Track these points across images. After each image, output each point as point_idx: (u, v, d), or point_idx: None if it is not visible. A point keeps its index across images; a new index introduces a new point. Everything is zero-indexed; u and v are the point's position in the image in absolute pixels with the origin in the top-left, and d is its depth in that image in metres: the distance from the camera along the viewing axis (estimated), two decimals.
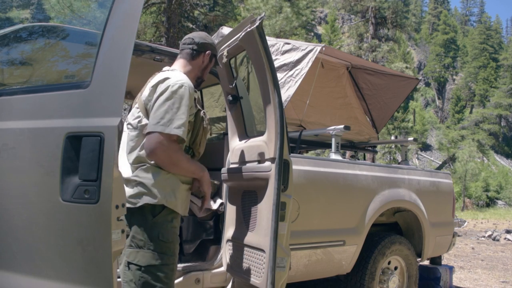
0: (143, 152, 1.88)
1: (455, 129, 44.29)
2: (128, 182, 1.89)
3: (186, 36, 2.18)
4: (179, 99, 1.85)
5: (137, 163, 1.91)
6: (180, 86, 1.87)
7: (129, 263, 1.84)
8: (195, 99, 2.02)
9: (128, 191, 1.86)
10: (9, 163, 1.56)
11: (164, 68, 2.11)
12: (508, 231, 11.21)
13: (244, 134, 2.68)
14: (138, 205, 1.85)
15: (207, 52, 2.13)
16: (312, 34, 34.58)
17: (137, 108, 1.96)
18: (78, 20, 2.20)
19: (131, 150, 1.93)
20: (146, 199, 1.86)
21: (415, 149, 36.51)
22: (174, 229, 1.95)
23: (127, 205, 1.83)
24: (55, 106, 1.57)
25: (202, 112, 2.06)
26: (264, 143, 2.29)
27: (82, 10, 2.30)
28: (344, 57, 5.06)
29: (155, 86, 1.90)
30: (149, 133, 1.81)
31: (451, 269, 4.33)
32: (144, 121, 1.90)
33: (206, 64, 2.15)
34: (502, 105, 44.45)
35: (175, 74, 1.94)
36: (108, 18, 1.58)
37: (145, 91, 1.96)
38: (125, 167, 1.95)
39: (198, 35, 2.16)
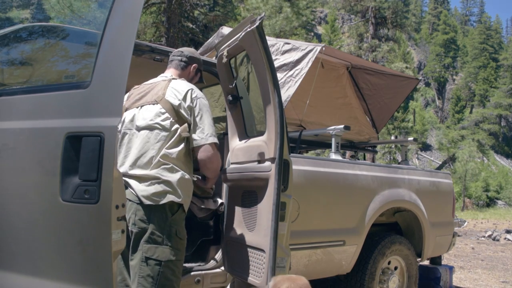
0: (173, 150, 2.00)
1: (455, 129, 44.27)
2: (144, 179, 1.96)
3: (176, 50, 2.40)
4: (210, 111, 2.13)
5: (163, 161, 1.99)
6: (205, 99, 2.14)
7: (147, 258, 1.92)
8: None
9: (148, 189, 1.95)
10: (9, 163, 1.56)
11: (167, 75, 2.25)
12: (508, 231, 11.20)
13: (244, 134, 2.68)
14: (162, 202, 1.95)
15: (194, 65, 2.34)
16: (312, 34, 34.59)
17: (161, 109, 2.05)
18: (78, 20, 2.20)
19: (158, 149, 2.00)
20: (171, 197, 1.97)
21: (415, 149, 36.49)
22: (184, 227, 2.08)
23: (147, 202, 1.93)
24: (55, 106, 1.57)
25: None
26: (264, 143, 2.29)
27: (82, 10, 2.31)
28: (344, 57, 5.06)
29: (185, 95, 2.07)
30: (203, 144, 2.05)
31: (451, 269, 4.33)
32: (176, 124, 2.03)
33: (192, 76, 2.35)
34: (502, 105, 44.42)
35: (192, 85, 2.16)
36: (108, 18, 1.57)
37: (169, 95, 2.07)
38: (130, 166, 2.01)
39: (187, 50, 2.40)
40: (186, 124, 2.06)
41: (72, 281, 1.49)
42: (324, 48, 3.82)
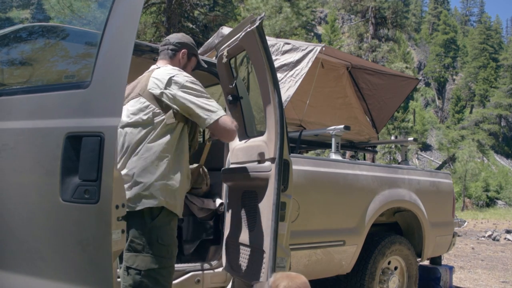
0: (155, 143, 1.88)
1: (455, 129, 44.25)
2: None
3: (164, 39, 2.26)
4: (202, 87, 2.00)
5: (144, 157, 1.86)
6: (190, 77, 2.00)
7: (128, 267, 1.82)
8: None
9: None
10: (9, 163, 1.56)
11: (153, 67, 2.12)
12: (508, 231, 11.20)
13: (244, 134, 2.68)
14: (137, 209, 1.83)
15: (183, 50, 2.18)
16: (312, 34, 34.58)
17: (145, 102, 1.93)
18: (78, 20, 2.20)
19: (140, 145, 1.89)
20: (146, 203, 1.83)
21: (415, 149, 36.49)
22: (172, 231, 1.94)
23: None
24: (55, 106, 1.57)
25: None
26: (264, 143, 2.29)
27: (82, 10, 2.31)
28: (344, 57, 5.06)
29: (168, 83, 1.94)
30: (214, 123, 1.93)
31: (451, 269, 4.33)
32: (160, 115, 1.91)
33: (185, 62, 2.20)
34: (502, 105, 44.41)
35: (175, 70, 2.02)
36: (108, 18, 1.57)
37: (151, 86, 1.95)
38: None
39: (174, 36, 2.24)
40: (171, 111, 1.93)
41: (72, 281, 1.49)
42: (324, 48, 3.82)
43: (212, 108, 1.95)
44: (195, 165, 2.69)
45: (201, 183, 2.70)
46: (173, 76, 1.96)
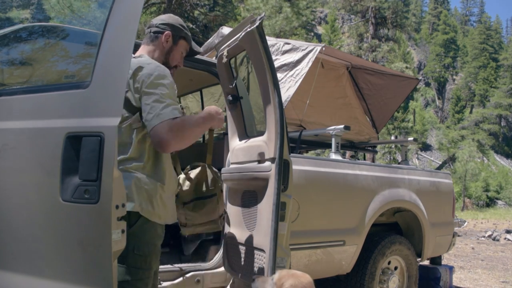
0: (126, 151, 1.69)
1: (455, 129, 44.28)
2: None
3: None
4: (163, 84, 1.70)
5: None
6: (159, 72, 1.72)
7: None
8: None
9: None
10: (9, 163, 1.56)
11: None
12: (508, 231, 11.21)
13: (244, 134, 2.68)
14: None
15: (166, 32, 1.89)
16: (312, 34, 34.58)
17: None
18: (78, 20, 2.20)
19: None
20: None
21: (415, 149, 36.50)
22: (154, 239, 1.75)
23: None
24: (55, 106, 1.56)
25: (180, 105, 1.82)
26: (264, 143, 2.29)
27: (82, 10, 2.30)
28: (344, 57, 5.06)
29: (131, 76, 1.70)
30: (151, 128, 1.62)
31: (451, 269, 4.33)
32: (130, 117, 1.71)
33: (170, 46, 1.91)
34: (502, 105, 44.43)
35: (147, 60, 1.76)
36: (108, 18, 1.57)
37: None
38: None
39: (158, 17, 1.96)
40: (138, 114, 1.70)
41: (72, 281, 1.49)
42: (324, 48, 3.83)
43: (157, 110, 1.62)
44: (199, 168, 2.60)
45: (215, 188, 2.54)
46: (141, 67, 1.71)
